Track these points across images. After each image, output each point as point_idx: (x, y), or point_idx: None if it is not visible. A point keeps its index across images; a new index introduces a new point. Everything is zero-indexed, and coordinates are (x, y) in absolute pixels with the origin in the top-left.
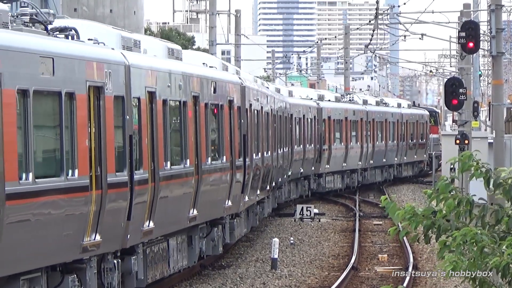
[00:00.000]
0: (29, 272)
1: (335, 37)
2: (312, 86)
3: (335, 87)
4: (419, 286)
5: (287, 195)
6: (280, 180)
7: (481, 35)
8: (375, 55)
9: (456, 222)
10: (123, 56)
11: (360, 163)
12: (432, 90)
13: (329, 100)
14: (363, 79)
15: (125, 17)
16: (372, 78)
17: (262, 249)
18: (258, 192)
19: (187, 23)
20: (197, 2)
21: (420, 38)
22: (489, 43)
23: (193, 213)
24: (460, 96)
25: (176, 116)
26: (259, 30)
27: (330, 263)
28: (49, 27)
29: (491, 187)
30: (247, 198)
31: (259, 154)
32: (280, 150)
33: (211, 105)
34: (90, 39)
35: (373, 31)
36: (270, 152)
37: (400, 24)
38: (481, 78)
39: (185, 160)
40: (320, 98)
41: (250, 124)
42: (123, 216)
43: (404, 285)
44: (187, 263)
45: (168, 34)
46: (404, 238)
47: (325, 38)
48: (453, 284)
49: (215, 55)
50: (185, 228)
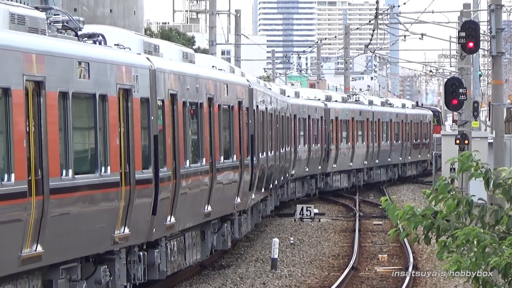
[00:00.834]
0: (66, 262)
1: (335, 37)
2: (312, 86)
3: (335, 87)
4: (419, 286)
5: (292, 194)
6: (282, 179)
7: (481, 35)
8: (375, 55)
9: (456, 222)
10: (148, 60)
11: (366, 162)
12: (432, 90)
13: (336, 101)
14: (363, 79)
15: (125, 17)
16: (372, 78)
17: (262, 249)
18: (263, 190)
19: (187, 23)
20: (197, 2)
21: (420, 38)
22: (489, 43)
23: (208, 209)
24: (460, 96)
25: (194, 117)
26: (259, 30)
27: (330, 263)
28: (79, 33)
29: (490, 187)
30: (253, 195)
31: (264, 153)
32: (282, 149)
33: (223, 106)
34: (116, 44)
35: (373, 31)
36: (273, 151)
37: (400, 24)
38: (481, 78)
39: (201, 159)
40: (328, 99)
41: (257, 124)
42: (149, 211)
43: (404, 285)
44: (201, 257)
45: (168, 34)
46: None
47: (325, 38)
48: (453, 284)
49: (215, 55)
50: (199, 224)
